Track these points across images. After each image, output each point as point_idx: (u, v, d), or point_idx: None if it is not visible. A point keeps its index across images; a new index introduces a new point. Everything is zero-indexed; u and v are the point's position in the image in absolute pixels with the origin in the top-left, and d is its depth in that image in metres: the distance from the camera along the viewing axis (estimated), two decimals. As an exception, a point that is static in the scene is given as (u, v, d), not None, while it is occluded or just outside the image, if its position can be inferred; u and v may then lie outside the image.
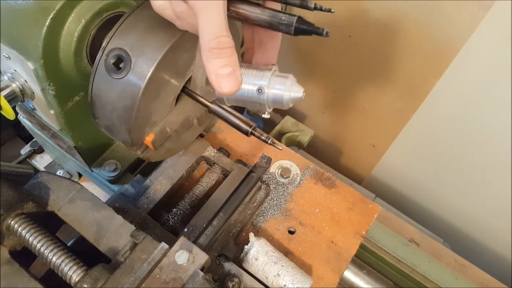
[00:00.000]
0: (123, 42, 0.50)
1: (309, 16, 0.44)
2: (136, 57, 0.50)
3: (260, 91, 0.47)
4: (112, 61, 0.50)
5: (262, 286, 0.62)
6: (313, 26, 0.43)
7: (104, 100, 0.53)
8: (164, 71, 0.52)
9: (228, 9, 0.44)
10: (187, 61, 0.55)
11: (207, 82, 0.58)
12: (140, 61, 0.50)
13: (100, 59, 0.51)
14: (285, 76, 0.47)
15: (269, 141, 0.56)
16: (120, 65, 0.50)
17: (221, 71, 0.42)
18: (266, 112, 0.50)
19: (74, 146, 0.74)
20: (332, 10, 0.41)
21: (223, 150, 0.79)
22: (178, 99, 0.60)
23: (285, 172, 0.79)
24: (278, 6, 0.47)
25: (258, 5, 0.44)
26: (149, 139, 0.58)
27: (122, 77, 0.50)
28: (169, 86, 0.55)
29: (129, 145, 0.57)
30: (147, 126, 0.57)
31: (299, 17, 0.43)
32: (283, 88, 0.47)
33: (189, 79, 0.58)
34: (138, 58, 0.50)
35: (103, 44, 0.51)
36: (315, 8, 0.42)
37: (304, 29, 0.43)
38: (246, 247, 0.64)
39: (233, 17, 0.46)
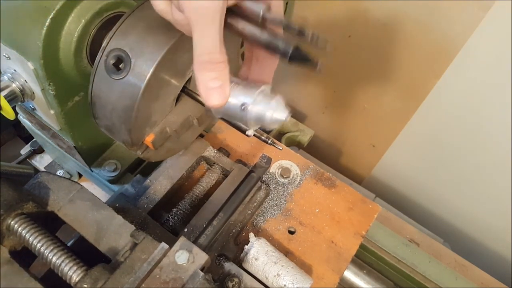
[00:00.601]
0: (123, 42, 0.50)
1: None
2: (135, 57, 0.50)
3: (243, 107, 0.46)
4: (112, 61, 0.50)
5: (262, 286, 0.62)
6: (308, 58, 0.43)
7: (104, 100, 0.53)
8: (164, 71, 0.52)
9: (226, 22, 0.44)
10: (187, 61, 0.55)
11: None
12: (139, 62, 0.50)
13: (100, 60, 0.51)
14: (272, 97, 0.46)
15: (269, 141, 0.56)
16: (120, 66, 0.50)
17: (211, 83, 0.43)
18: (251, 130, 0.49)
19: (74, 146, 0.74)
20: (328, 49, 0.42)
21: (223, 150, 0.79)
22: (178, 99, 0.60)
23: (285, 172, 0.79)
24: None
25: (258, 24, 0.45)
26: (149, 139, 0.58)
27: (122, 78, 0.50)
28: (169, 86, 0.55)
29: (129, 145, 0.57)
30: (147, 126, 0.57)
31: (296, 47, 0.43)
32: (266, 108, 0.46)
33: (189, 79, 0.58)
34: (138, 59, 0.50)
35: (103, 45, 0.51)
36: (311, 40, 0.42)
37: (299, 60, 0.43)
38: (246, 247, 0.64)
39: (230, 31, 0.45)
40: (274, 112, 0.46)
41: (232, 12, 0.44)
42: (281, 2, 0.46)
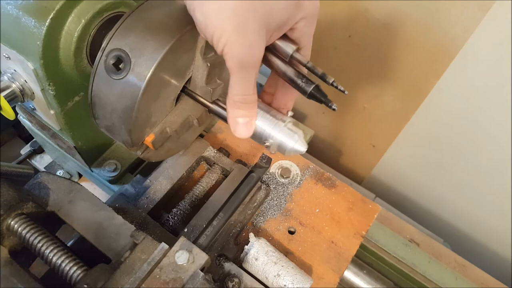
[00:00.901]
0: (123, 43, 0.50)
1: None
2: (135, 57, 0.50)
3: (269, 137, 0.52)
4: (111, 61, 0.50)
5: (262, 286, 0.62)
6: (325, 98, 0.49)
7: (104, 101, 0.53)
8: (164, 71, 0.52)
9: (264, 57, 0.50)
10: (187, 61, 0.55)
11: (207, 82, 0.58)
12: (139, 62, 0.50)
13: (99, 60, 0.51)
14: (295, 132, 0.52)
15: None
16: (120, 66, 0.50)
17: (240, 120, 0.49)
18: (270, 149, 0.54)
19: (74, 146, 0.74)
20: (346, 92, 0.48)
21: (223, 150, 0.79)
22: (178, 99, 0.60)
23: (285, 172, 0.79)
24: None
25: (285, 62, 0.50)
26: (149, 139, 0.58)
27: (122, 78, 0.50)
28: (169, 87, 0.55)
29: (129, 146, 0.57)
30: (147, 127, 0.57)
31: (316, 86, 0.49)
32: (289, 140, 0.52)
33: (189, 79, 0.58)
34: (138, 59, 0.50)
35: (103, 45, 0.51)
36: (332, 85, 0.49)
37: (317, 98, 0.50)
38: (246, 247, 0.64)
39: (262, 62, 0.50)
40: (295, 144, 0.51)
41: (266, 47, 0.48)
42: (309, 47, 0.50)
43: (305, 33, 0.48)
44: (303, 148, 0.52)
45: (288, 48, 0.49)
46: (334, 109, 0.48)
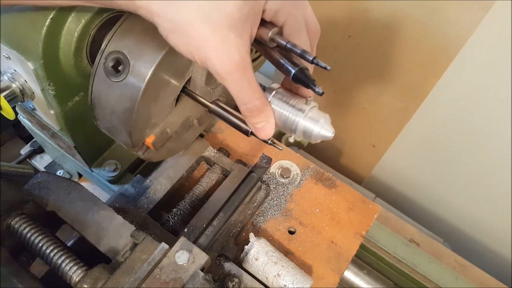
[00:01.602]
0: (121, 45, 0.50)
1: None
2: (134, 60, 0.50)
3: (294, 122, 0.50)
4: (110, 64, 0.50)
5: (262, 286, 0.62)
6: (310, 81, 0.47)
7: (103, 103, 0.53)
8: (163, 72, 0.52)
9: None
10: (186, 62, 0.55)
11: (207, 83, 0.58)
12: (138, 64, 0.49)
13: (99, 62, 0.51)
14: (320, 117, 0.50)
15: (269, 141, 0.56)
16: (119, 68, 0.50)
17: (257, 125, 0.49)
18: (292, 137, 0.53)
19: (74, 146, 0.74)
20: (328, 68, 0.46)
21: (223, 150, 0.79)
22: (178, 99, 0.60)
23: (285, 172, 0.79)
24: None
25: (271, 48, 0.49)
26: (149, 140, 0.58)
27: (121, 80, 0.50)
28: (169, 88, 0.55)
29: (130, 147, 0.57)
30: (147, 128, 0.57)
31: (300, 69, 0.47)
32: (315, 125, 0.50)
33: (189, 80, 0.58)
34: (137, 61, 0.50)
35: (102, 47, 0.51)
36: (312, 62, 0.46)
37: (301, 81, 0.48)
38: (246, 247, 0.64)
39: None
40: (322, 129, 0.50)
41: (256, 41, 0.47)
42: (292, 24, 0.48)
43: (278, 10, 0.45)
44: (329, 133, 0.50)
45: (263, 33, 0.47)
46: (320, 93, 0.46)
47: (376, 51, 1.19)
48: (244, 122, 0.56)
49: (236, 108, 0.58)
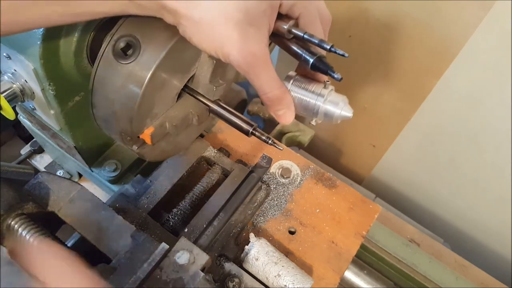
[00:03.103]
0: (134, 29, 0.50)
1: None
2: (146, 44, 0.50)
3: (316, 105, 0.53)
4: (121, 45, 0.50)
5: (263, 287, 0.62)
6: (329, 68, 0.50)
7: (107, 86, 0.53)
8: (171, 61, 0.52)
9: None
10: (193, 56, 0.55)
11: (211, 80, 0.58)
12: (150, 48, 0.50)
13: (107, 45, 0.51)
14: (339, 99, 0.53)
15: (269, 141, 0.56)
16: (128, 52, 0.50)
17: (278, 112, 0.51)
18: (314, 120, 0.55)
19: (74, 146, 0.74)
20: (346, 55, 0.49)
21: (223, 150, 0.79)
22: (179, 96, 0.59)
23: (285, 172, 0.78)
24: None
25: (288, 40, 0.52)
26: (148, 131, 0.57)
27: (130, 63, 0.50)
28: (174, 79, 0.55)
29: (127, 137, 0.57)
30: (148, 117, 0.56)
31: (318, 57, 0.50)
32: (336, 107, 0.53)
33: (192, 76, 0.58)
34: (148, 45, 0.50)
35: (112, 31, 0.51)
36: (330, 50, 0.49)
37: (320, 69, 0.51)
38: (246, 247, 0.64)
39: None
40: (342, 110, 0.52)
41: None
42: (308, 14, 0.50)
43: (293, 3, 0.48)
44: (349, 113, 0.53)
45: (280, 27, 0.49)
46: (338, 79, 0.49)
47: (376, 51, 1.19)
48: (244, 122, 0.56)
49: (236, 108, 0.58)
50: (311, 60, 0.50)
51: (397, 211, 1.26)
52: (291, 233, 0.72)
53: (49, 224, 0.55)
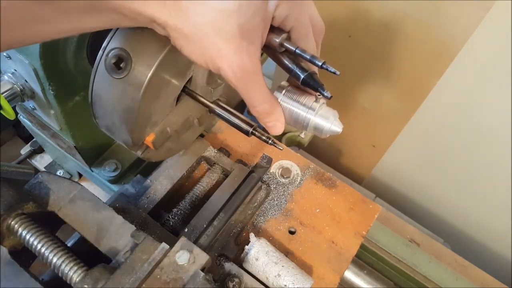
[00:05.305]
0: (124, 42, 0.50)
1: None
2: (136, 56, 0.49)
3: (305, 123, 0.53)
4: (112, 61, 0.50)
5: (263, 287, 0.62)
6: (319, 85, 0.50)
7: (104, 100, 0.53)
8: (165, 71, 0.52)
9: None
10: (188, 61, 0.55)
11: (208, 82, 0.58)
12: (141, 61, 0.49)
13: (100, 59, 0.51)
14: (330, 113, 0.53)
15: (269, 141, 0.56)
16: (121, 65, 0.50)
17: (268, 124, 0.51)
18: (303, 133, 0.56)
19: (74, 146, 0.74)
20: (338, 73, 0.48)
21: (223, 150, 0.79)
22: (178, 99, 0.60)
23: (285, 172, 0.78)
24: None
25: (280, 53, 0.51)
26: (149, 139, 0.58)
27: (123, 77, 0.50)
28: (170, 86, 0.55)
29: (129, 145, 0.57)
30: (147, 126, 0.57)
31: (309, 74, 0.50)
32: (326, 121, 0.53)
33: (190, 79, 0.58)
34: (139, 58, 0.49)
35: (104, 44, 0.51)
36: (322, 67, 0.48)
37: (310, 85, 0.50)
38: (246, 247, 0.64)
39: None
40: (332, 125, 0.53)
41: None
42: (299, 28, 0.49)
43: (286, 16, 0.47)
44: (339, 128, 0.53)
45: (272, 40, 0.49)
46: (328, 97, 0.49)
47: (376, 51, 1.19)
48: (244, 122, 0.56)
49: (236, 108, 0.58)
50: (302, 76, 0.50)
51: (397, 211, 1.26)
52: (291, 233, 0.72)
53: (49, 224, 0.55)
